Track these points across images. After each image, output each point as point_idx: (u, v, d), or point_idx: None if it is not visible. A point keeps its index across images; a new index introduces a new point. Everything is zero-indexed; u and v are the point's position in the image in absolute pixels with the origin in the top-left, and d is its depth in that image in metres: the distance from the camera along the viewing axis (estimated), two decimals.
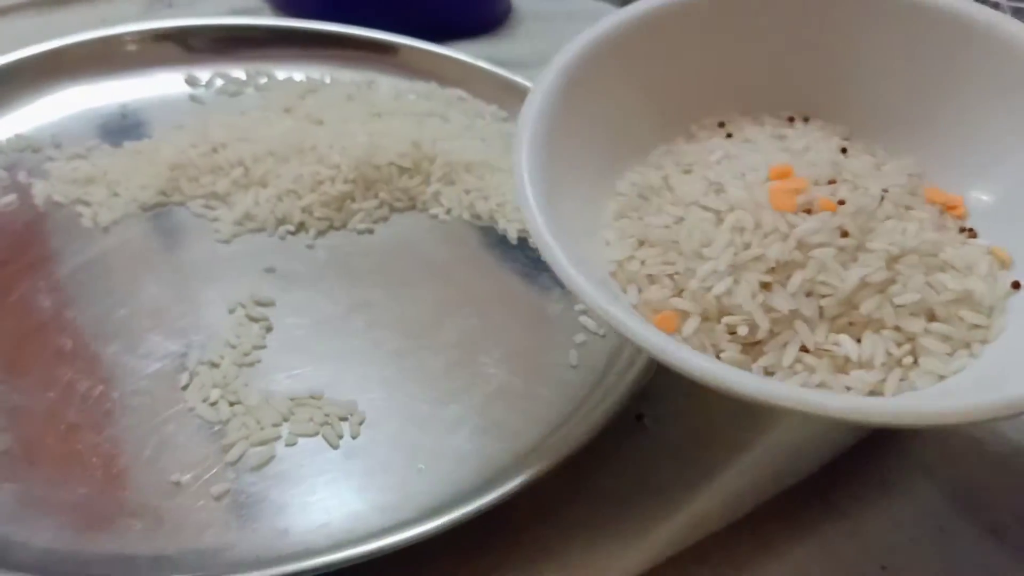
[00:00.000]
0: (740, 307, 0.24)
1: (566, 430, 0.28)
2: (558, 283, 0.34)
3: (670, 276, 0.25)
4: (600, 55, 0.27)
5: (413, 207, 0.38)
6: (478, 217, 0.38)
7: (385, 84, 0.44)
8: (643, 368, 0.29)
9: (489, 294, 0.34)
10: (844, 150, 0.27)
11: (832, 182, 0.25)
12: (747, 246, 0.24)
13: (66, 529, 0.25)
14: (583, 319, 0.33)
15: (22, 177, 0.36)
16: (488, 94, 0.43)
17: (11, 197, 0.35)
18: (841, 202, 0.25)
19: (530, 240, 0.37)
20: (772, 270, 0.24)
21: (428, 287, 0.34)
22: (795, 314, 0.24)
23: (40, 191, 0.36)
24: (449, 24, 0.49)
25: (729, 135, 0.29)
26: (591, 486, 0.28)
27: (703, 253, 0.24)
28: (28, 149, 0.37)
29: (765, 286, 0.24)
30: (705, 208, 0.25)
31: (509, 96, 0.43)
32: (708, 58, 0.28)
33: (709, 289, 0.24)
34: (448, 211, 0.38)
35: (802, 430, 0.29)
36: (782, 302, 0.24)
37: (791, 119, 0.29)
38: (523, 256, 0.36)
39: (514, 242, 0.37)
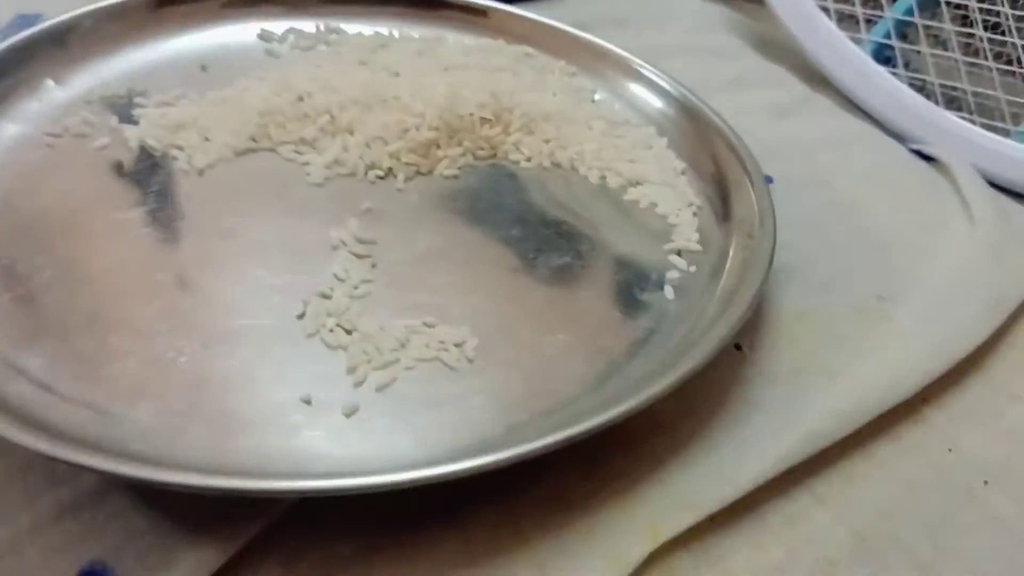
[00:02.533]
0: None
1: (673, 358, 0.29)
2: (643, 227, 0.36)
3: None
4: None
5: (495, 155, 0.39)
6: (558, 165, 0.39)
7: (452, 40, 0.44)
8: (748, 302, 0.30)
9: (578, 234, 0.35)
10: None
11: None
12: None
13: (204, 439, 0.26)
14: (673, 258, 0.34)
15: (113, 122, 0.37)
16: (555, 50, 0.44)
17: (104, 140, 0.36)
18: None
19: (608, 184, 0.38)
20: None
21: (519, 228, 0.35)
22: None
23: (132, 135, 0.36)
24: None
25: None
26: (698, 406, 0.29)
27: None
28: (114, 96, 0.38)
29: None
30: None
31: (576, 52, 0.44)
32: None
33: None
34: (529, 159, 0.38)
35: (899, 358, 0.30)
36: None
37: None
38: (605, 199, 0.37)
39: (594, 187, 0.38)
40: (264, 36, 0.43)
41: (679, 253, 0.35)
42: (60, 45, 0.38)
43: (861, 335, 0.32)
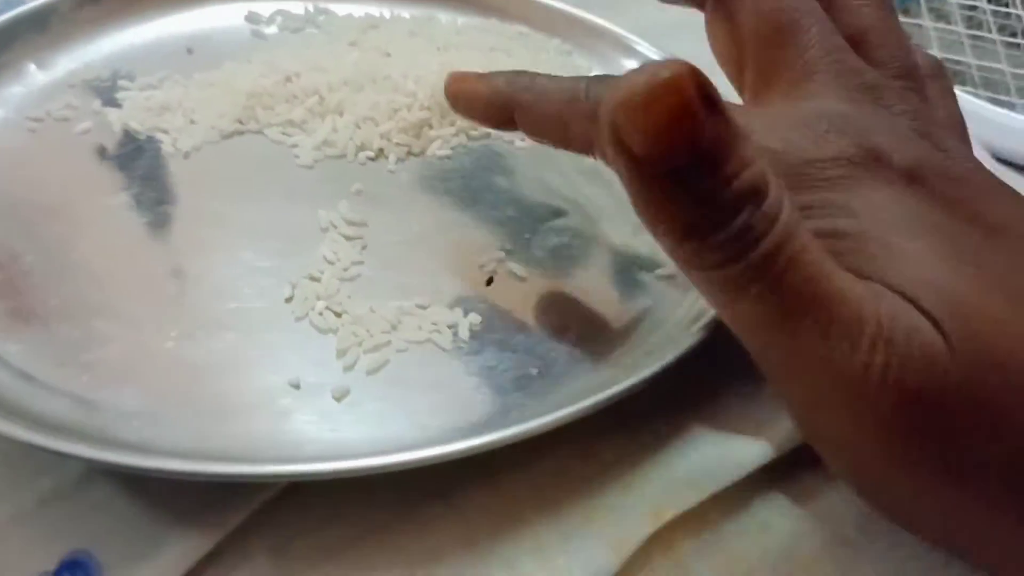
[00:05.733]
0: None
1: (675, 334, 0.28)
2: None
3: None
4: None
5: (489, 135, 0.38)
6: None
7: (445, 19, 0.44)
8: None
9: (575, 214, 0.34)
10: None
11: None
12: None
13: (191, 424, 0.25)
14: None
15: (96, 106, 0.36)
16: (549, 28, 0.43)
17: (87, 124, 0.35)
18: None
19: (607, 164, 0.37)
20: None
21: (513, 209, 0.34)
22: None
23: (116, 119, 0.35)
24: None
25: None
26: (703, 383, 0.28)
27: None
28: (97, 79, 0.37)
29: None
30: None
31: (571, 30, 0.43)
32: None
33: None
34: (523, 139, 0.37)
35: None
36: None
37: None
38: (602, 180, 0.36)
39: (591, 166, 0.37)
40: (251, 18, 0.42)
41: None
42: (41, 28, 0.38)
43: None
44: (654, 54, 0.41)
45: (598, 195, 0.35)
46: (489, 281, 0.29)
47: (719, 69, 0.40)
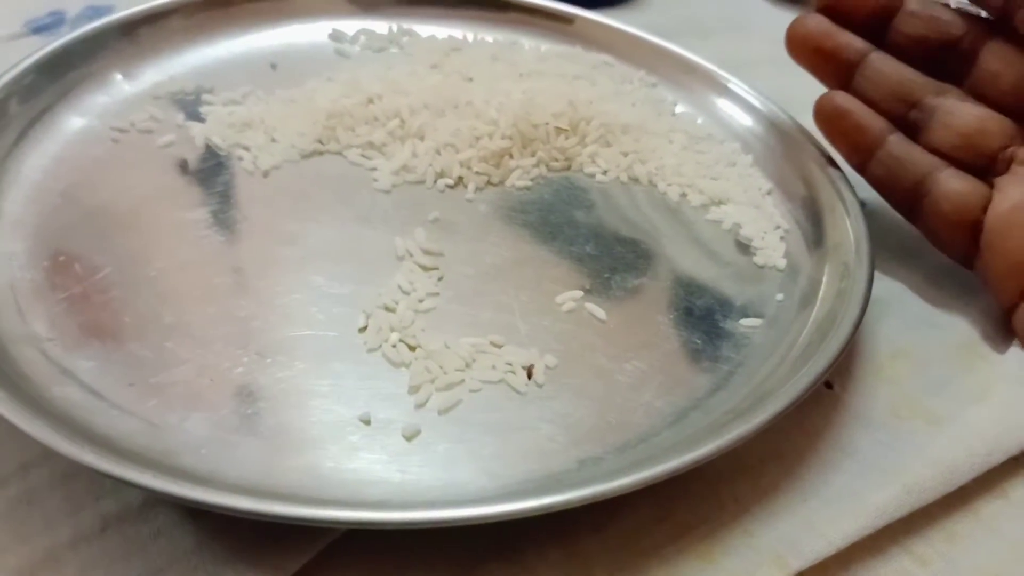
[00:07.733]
0: None
1: (760, 394, 0.27)
2: (726, 249, 0.34)
3: None
4: None
5: (569, 167, 0.37)
6: (636, 180, 0.37)
7: (528, 45, 0.43)
8: (843, 339, 0.28)
9: (656, 254, 0.33)
10: None
11: None
12: None
13: (257, 456, 0.24)
14: (760, 286, 0.32)
15: (179, 119, 0.36)
16: (635, 59, 0.42)
17: (170, 137, 0.35)
18: None
19: (689, 202, 0.36)
20: None
21: (593, 245, 0.33)
22: None
23: (198, 133, 0.35)
24: None
25: None
26: (785, 448, 0.27)
27: None
28: (181, 92, 0.37)
29: None
30: None
31: (657, 62, 0.42)
32: None
33: None
34: (605, 172, 0.37)
35: (1008, 405, 0.28)
36: None
37: None
38: (685, 218, 0.35)
39: (674, 205, 0.36)
40: (335, 36, 0.42)
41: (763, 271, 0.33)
42: (130, 38, 0.38)
43: (964, 377, 0.30)
44: (744, 92, 0.40)
45: (679, 233, 0.34)
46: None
47: (807, 105, 0.39)
